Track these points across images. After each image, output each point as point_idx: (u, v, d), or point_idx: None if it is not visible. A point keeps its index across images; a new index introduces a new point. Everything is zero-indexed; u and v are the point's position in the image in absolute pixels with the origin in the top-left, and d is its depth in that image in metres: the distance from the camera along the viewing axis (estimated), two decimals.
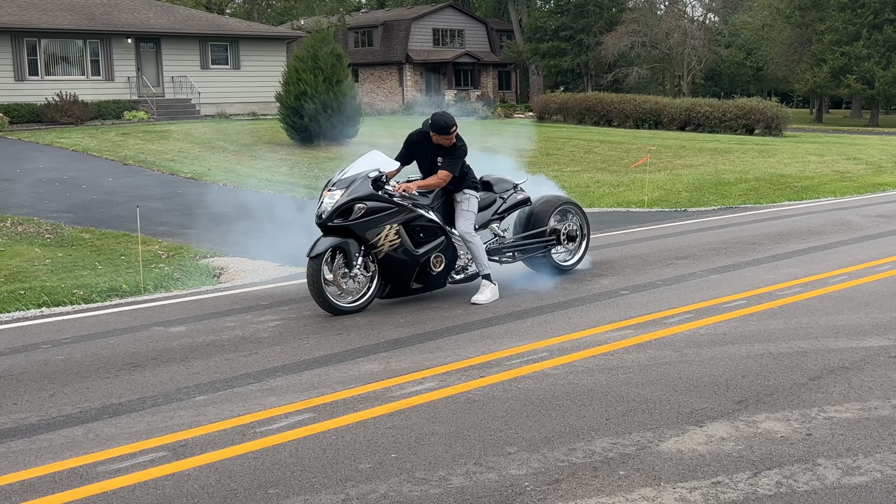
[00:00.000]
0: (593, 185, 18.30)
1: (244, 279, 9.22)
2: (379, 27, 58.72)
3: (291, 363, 6.09)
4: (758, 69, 62.26)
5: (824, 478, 4.13)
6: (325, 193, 7.46)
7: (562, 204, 9.02)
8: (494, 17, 67.74)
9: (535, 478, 4.18)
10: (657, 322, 7.00)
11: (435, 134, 7.77)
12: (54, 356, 6.40)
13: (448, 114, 7.85)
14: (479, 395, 5.35)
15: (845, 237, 11.16)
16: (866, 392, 5.28)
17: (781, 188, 17.68)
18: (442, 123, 7.72)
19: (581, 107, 41.32)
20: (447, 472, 4.26)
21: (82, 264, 9.96)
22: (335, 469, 4.31)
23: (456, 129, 7.79)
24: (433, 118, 7.79)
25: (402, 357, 6.18)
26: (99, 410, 5.20)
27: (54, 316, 7.73)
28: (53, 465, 4.40)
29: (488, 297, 7.80)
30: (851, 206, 14.74)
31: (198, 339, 6.81)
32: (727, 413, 4.96)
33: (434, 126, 7.75)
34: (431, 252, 7.79)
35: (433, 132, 7.78)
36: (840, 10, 48.07)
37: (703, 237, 11.45)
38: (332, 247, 7.33)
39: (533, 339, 6.56)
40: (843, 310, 7.31)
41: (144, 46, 34.87)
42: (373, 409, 5.13)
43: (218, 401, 5.32)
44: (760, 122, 35.43)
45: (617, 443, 4.57)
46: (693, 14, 59.54)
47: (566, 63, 56.47)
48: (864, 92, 48.35)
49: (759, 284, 8.33)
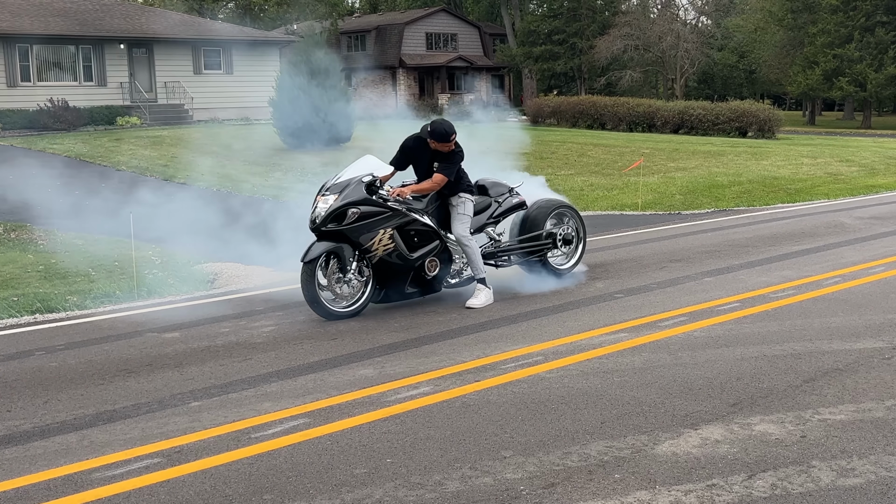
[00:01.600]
0: (587, 188, 18.33)
1: (238, 284, 9.21)
2: (372, 31, 58.74)
3: (286, 368, 6.08)
4: (750, 72, 62.46)
5: (819, 480, 4.14)
6: (318, 198, 7.45)
7: (558, 207, 9.02)
8: (487, 20, 67.82)
9: (530, 481, 4.18)
10: (651, 325, 7.01)
11: (434, 141, 7.77)
12: (48, 363, 6.38)
13: (448, 121, 7.86)
14: (474, 399, 5.35)
15: (838, 239, 11.19)
16: (860, 394, 5.30)
17: (774, 190, 17.72)
18: (442, 131, 7.72)
19: (574, 110, 41.37)
20: (442, 476, 4.26)
21: (76, 270, 9.93)
22: (330, 474, 4.31)
23: (455, 136, 7.79)
24: (433, 126, 7.78)
25: (397, 362, 6.18)
26: (93, 417, 5.19)
27: (48, 322, 7.72)
28: (48, 472, 4.39)
29: (483, 301, 7.81)
30: (844, 209, 14.78)
31: (192, 344, 6.80)
32: (722, 415, 4.97)
33: (434, 134, 7.74)
34: (426, 256, 7.79)
35: (432, 139, 7.77)
36: (832, 13, 48.22)
37: (697, 240, 11.47)
38: (326, 252, 7.32)
39: (528, 343, 6.57)
40: (837, 312, 7.32)
41: (137, 52, 34.81)
42: (368, 414, 5.12)
43: (213, 407, 5.31)
44: (753, 124, 35.49)
45: (612, 446, 4.58)
46: (685, 17, 59.70)
47: (559, 66, 56.57)
48: (856, 94, 48.50)
49: (753, 287, 8.34)
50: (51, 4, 34.66)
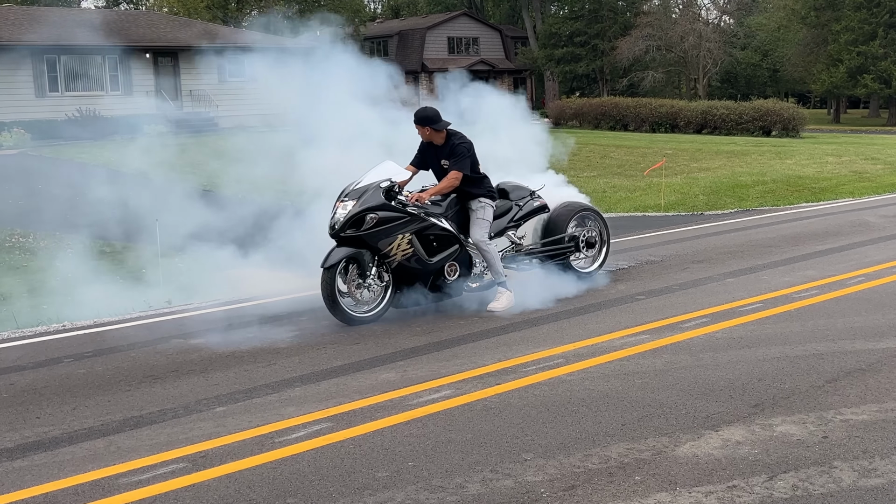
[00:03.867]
0: (609, 190, 18.30)
1: (262, 290, 9.26)
2: (394, 36, 58.97)
3: (309, 373, 6.14)
4: (774, 70, 61.99)
5: (840, 480, 4.13)
6: (337, 204, 7.51)
7: (580, 210, 9.02)
8: (509, 24, 67.82)
9: (550, 484, 4.21)
10: (673, 327, 7.01)
11: (426, 129, 7.79)
12: (76, 370, 6.48)
13: (431, 107, 7.89)
14: (496, 402, 5.38)
15: (862, 238, 11.12)
16: (883, 393, 5.28)
17: (799, 190, 17.62)
18: (423, 116, 7.79)
19: (596, 112, 41.32)
20: (464, 479, 4.30)
21: (105, 278, 10.05)
22: (353, 478, 4.35)
23: (441, 122, 7.77)
24: (416, 114, 7.83)
25: (419, 365, 6.23)
26: (120, 423, 5.27)
27: (76, 330, 7.82)
28: (76, 477, 4.47)
29: (504, 305, 7.83)
30: (869, 207, 14.67)
31: (217, 350, 6.87)
32: (743, 417, 4.97)
33: (419, 120, 7.79)
34: (445, 261, 7.82)
35: (421, 127, 7.79)
36: (856, 10, 47.82)
37: (720, 240, 11.44)
38: (345, 257, 7.38)
39: (549, 346, 6.59)
40: (860, 311, 7.29)
41: (162, 61, 35.16)
42: (390, 417, 5.17)
43: (237, 412, 5.38)
44: (777, 123, 35.29)
45: (633, 448, 4.59)
46: (707, 17, 59.39)
47: (581, 68, 56.46)
48: (881, 91, 48.08)
49: (776, 287, 8.31)
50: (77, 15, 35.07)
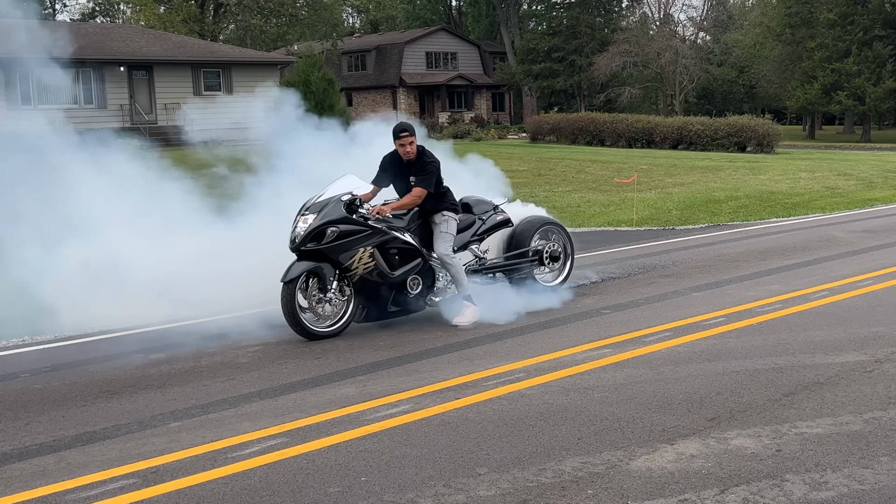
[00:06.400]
0: (584, 204, 18.35)
1: (226, 305, 9.18)
2: (372, 51, 59.05)
3: (268, 388, 6.09)
4: (750, 87, 62.63)
5: (791, 493, 4.13)
6: (298, 218, 7.47)
7: (544, 224, 9.05)
8: (487, 39, 68.12)
9: (503, 498, 4.18)
10: (636, 341, 7.01)
11: (407, 139, 7.82)
12: (32, 385, 6.40)
13: (405, 121, 7.97)
14: (453, 416, 5.36)
15: (829, 253, 11.19)
16: (839, 407, 5.29)
17: (771, 205, 17.73)
18: (402, 126, 7.87)
19: (574, 127, 41.54)
20: (416, 494, 4.26)
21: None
22: (304, 493, 4.31)
23: (410, 134, 7.82)
24: (395, 127, 7.92)
25: (379, 380, 6.19)
26: (72, 438, 5.20)
27: (35, 345, 7.73)
28: (22, 494, 4.39)
29: (469, 319, 7.81)
30: (839, 222, 14.78)
31: (177, 365, 6.81)
32: (699, 430, 4.97)
33: (398, 129, 7.87)
34: (408, 274, 7.79)
35: (403, 137, 7.83)
36: (830, 28, 48.40)
37: (689, 255, 11.48)
38: (305, 271, 7.33)
39: (511, 360, 6.57)
40: (822, 325, 7.32)
41: (137, 74, 35.02)
42: (345, 432, 5.13)
43: (192, 427, 5.32)
44: (752, 139, 35.59)
45: (587, 462, 4.58)
46: (684, 33, 59.90)
47: (559, 84, 56.77)
48: (855, 108, 48.61)
49: (740, 301, 8.34)
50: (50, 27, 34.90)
